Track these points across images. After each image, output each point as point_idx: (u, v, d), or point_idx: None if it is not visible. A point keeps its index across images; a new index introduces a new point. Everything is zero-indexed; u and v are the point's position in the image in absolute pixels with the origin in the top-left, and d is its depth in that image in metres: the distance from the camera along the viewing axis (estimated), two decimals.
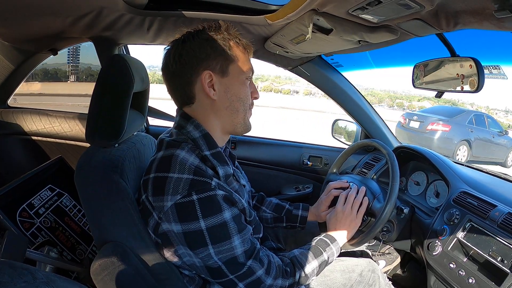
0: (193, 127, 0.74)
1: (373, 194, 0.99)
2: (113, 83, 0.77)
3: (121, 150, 0.79)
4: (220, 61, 0.71)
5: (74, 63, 2.97)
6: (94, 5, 0.92)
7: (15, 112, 1.64)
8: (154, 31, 1.15)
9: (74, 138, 1.63)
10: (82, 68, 3.22)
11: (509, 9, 0.52)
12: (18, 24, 1.07)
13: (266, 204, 1.07)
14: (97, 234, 0.72)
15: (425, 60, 1.00)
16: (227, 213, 0.67)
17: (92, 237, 1.23)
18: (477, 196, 0.97)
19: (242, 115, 0.77)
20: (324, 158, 1.67)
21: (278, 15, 0.88)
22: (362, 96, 1.50)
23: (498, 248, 0.82)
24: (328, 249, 0.85)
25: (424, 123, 5.43)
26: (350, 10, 0.68)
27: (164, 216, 0.66)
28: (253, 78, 0.80)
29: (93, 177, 0.72)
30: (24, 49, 1.37)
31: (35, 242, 1.12)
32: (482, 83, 0.83)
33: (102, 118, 0.76)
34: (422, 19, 0.69)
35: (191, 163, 0.68)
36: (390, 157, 0.98)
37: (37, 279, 0.44)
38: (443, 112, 5.66)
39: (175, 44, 0.73)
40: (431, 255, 0.93)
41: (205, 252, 0.66)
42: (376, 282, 0.97)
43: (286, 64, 1.41)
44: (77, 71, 3.12)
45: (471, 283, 0.82)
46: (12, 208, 1.14)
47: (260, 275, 0.71)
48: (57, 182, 1.35)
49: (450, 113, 5.59)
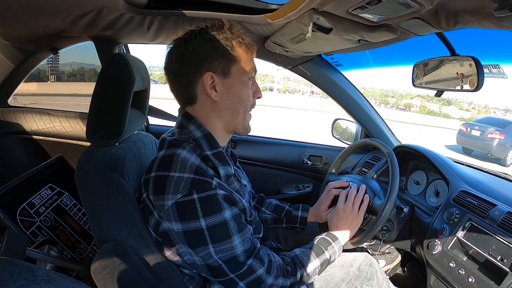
0: (195, 127, 0.74)
1: (374, 192, 0.99)
2: (114, 82, 0.77)
3: (121, 149, 0.79)
4: (222, 62, 0.71)
5: (54, 64, 2.99)
6: (94, 4, 0.92)
7: (16, 111, 1.64)
8: (154, 30, 1.15)
9: (75, 137, 1.63)
10: (63, 68, 3.25)
11: (508, 8, 0.52)
12: (18, 24, 1.07)
13: (266, 205, 1.07)
14: (98, 233, 0.72)
15: (425, 59, 1.00)
16: (228, 213, 0.67)
17: (92, 236, 1.24)
18: (477, 195, 0.97)
19: (242, 116, 0.76)
20: (324, 157, 1.67)
21: (278, 14, 0.88)
22: (362, 96, 1.50)
23: (498, 247, 0.82)
24: (329, 248, 0.85)
25: (484, 132, 7.08)
26: (350, 9, 0.68)
27: (164, 215, 0.66)
28: None
29: (93, 176, 0.72)
30: (24, 48, 1.37)
31: (35, 241, 1.12)
32: (482, 82, 0.83)
33: (102, 117, 0.76)
34: (422, 18, 0.69)
35: (192, 163, 0.68)
36: (390, 156, 0.98)
37: (37, 277, 0.44)
38: (497, 123, 7.34)
39: (178, 43, 0.72)
40: (431, 254, 0.93)
41: (205, 251, 0.66)
42: (374, 276, 0.97)
43: (286, 63, 1.42)
44: (57, 71, 3.14)
45: (471, 282, 0.82)
46: (13, 207, 1.14)
47: (261, 274, 0.71)
48: (58, 181, 1.35)
49: (503, 124, 7.27)
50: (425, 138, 9.80)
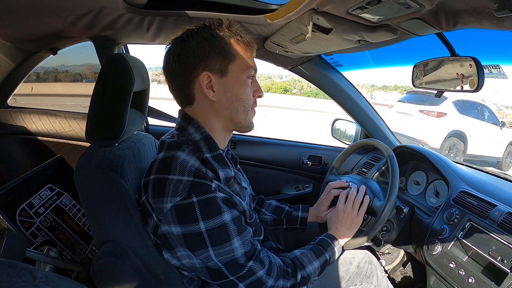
0: (194, 129, 0.73)
1: (373, 193, 0.99)
2: (113, 82, 0.77)
3: (121, 149, 0.79)
4: (219, 60, 0.70)
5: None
6: (94, 4, 0.92)
7: (15, 111, 1.64)
8: (153, 30, 1.15)
9: (74, 137, 1.63)
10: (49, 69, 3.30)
11: (509, 8, 0.52)
12: (18, 24, 1.07)
13: (266, 206, 1.07)
14: (97, 233, 0.72)
15: (425, 60, 1.00)
16: (227, 215, 0.66)
17: (92, 237, 1.24)
18: (477, 196, 0.97)
19: (243, 115, 0.75)
20: (324, 158, 1.67)
21: (278, 15, 0.88)
22: (361, 96, 1.50)
23: (498, 247, 0.82)
24: (329, 249, 0.85)
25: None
26: (350, 9, 0.68)
27: (163, 217, 0.65)
28: None
29: (93, 176, 0.71)
30: (24, 48, 1.37)
31: (34, 242, 1.12)
32: (482, 83, 0.83)
33: (102, 118, 0.76)
34: (422, 19, 0.69)
35: (192, 165, 0.67)
36: (389, 156, 0.98)
37: (36, 279, 0.43)
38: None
39: (175, 43, 0.72)
40: (431, 255, 0.93)
41: (205, 254, 0.66)
42: (374, 273, 0.97)
43: (286, 64, 1.42)
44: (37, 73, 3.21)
45: (470, 282, 0.82)
46: (12, 208, 1.13)
47: (261, 276, 0.71)
48: (57, 182, 1.35)
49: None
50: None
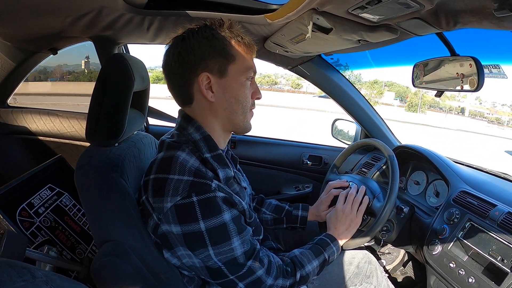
0: (194, 129, 0.73)
1: (373, 193, 0.99)
2: (113, 82, 0.77)
3: (121, 149, 0.79)
4: (219, 61, 0.70)
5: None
6: (94, 4, 0.92)
7: (15, 111, 1.64)
8: (154, 30, 1.15)
9: (74, 137, 1.63)
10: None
11: (508, 8, 0.52)
12: (18, 24, 1.07)
13: (266, 205, 1.07)
14: (97, 233, 0.72)
15: (425, 60, 1.00)
16: (227, 215, 0.67)
17: (92, 236, 1.24)
18: (477, 196, 0.97)
19: (241, 117, 0.75)
20: (324, 158, 1.67)
21: (278, 14, 0.88)
22: (362, 96, 1.50)
23: (498, 247, 0.82)
24: (328, 249, 0.85)
25: None
26: (350, 9, 0.68)
27: (163, 217, 0.65)
28: None
29: (93, 176, 0.71)
30: (24, 48, 1.37)
31: (34, 242, 1.12)
32: (482, 82, 0.84)
33: (102, 117, 0.76)
34: (421, 18, 0.69)
35: (192, 165, 0.67)
36: (390, 157, 0.98)
37: (36, 278, 0.43)
38: None
39: (175, 42, 0.72)
40: (431, 255, 0.93)
41: (205, 253, 0.66)
42: (373, 273, 0.97)
43: (286, 64, 1.42)
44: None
45: (471, 282, 0.82)
46: (12, 207, 1.14)
47: (261, 275, 0.71)
48: (57, 182, 1.35)
49: None
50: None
